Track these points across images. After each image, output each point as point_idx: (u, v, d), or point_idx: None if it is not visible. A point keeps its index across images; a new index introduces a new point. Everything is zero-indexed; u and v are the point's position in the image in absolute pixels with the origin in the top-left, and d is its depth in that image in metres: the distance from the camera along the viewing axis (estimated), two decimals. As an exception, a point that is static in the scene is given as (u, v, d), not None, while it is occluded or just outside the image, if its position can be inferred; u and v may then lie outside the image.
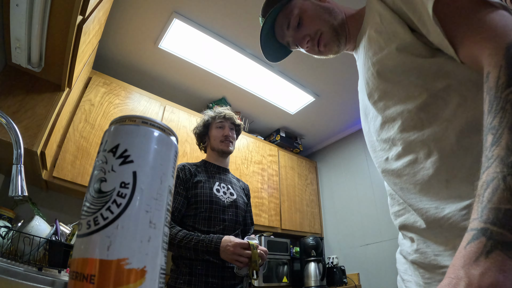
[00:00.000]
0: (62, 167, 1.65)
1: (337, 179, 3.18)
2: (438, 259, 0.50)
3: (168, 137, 0.28)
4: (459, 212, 0.45)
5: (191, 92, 2.61)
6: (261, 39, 0.79)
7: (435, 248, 0.51)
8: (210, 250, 1.05)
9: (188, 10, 1.87)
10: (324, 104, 2.75)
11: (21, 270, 0.90)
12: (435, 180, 0.49)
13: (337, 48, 0.73)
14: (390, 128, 0.58)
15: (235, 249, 1.03)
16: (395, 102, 0.56)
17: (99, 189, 0.24)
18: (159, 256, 0.24)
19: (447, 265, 0.47)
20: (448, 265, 0.43)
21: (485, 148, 0.34)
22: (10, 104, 1.17)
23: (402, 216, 0.59)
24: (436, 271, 0.51)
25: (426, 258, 0.52)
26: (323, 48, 0.73)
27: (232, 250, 1.03)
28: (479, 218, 0.30)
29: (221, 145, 1.34)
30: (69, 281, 0.22)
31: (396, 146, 0.57)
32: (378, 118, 0.61)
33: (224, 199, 1.24)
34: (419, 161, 0.52)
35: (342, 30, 0.71)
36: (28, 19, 0.93)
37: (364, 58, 0.64)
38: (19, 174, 0.68)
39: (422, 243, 0.54)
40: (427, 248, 0.52)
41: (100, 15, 1.36)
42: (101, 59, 2.22)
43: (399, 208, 0.61)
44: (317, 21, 0.71)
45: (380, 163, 0.64)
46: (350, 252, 2.80)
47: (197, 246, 1.06)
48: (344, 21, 0.72)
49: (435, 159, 0.49)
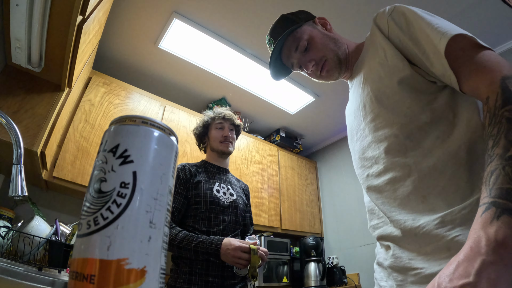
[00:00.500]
0: (62, 167, 1.65)
1: (337, 179, 3.18)
2: (411, 262, 0.58)
3: (168, 137, 0.28)
4: (432, 222, 0.55)
5: (191, 92, 2.61)
6: (271, 59, 0.86)
7: (409, 254, 0.59)
8: (211, 252, 1.05)
9: (188, 10, 1.87)
10: (324, 104, 2.75)
11: (21, 270, 0.90)
12: (413, 196, 0.59)
13: (338, 75, 0.82)
14: (376, 148, 0.67)
15: (235, 252, 1.04)
16: (385, 125, 0.65)
17: (99, 189, 0.24)
18: (159, 256, 0.24)
19: (419, 267, 0.56)
20: (420, 267, 0.55)
21: (487, 150, 0.45)
22: (10, 104, 1.17)
23: (380, 228, 0.68)
24: (408, 273, 0.58)
25: (400, 262, 0.60)
26: (325, 74, 0.81)
27: (232, 254, 1.04)
28: (488, 195, 0.41)
29: (220, 145, 1.34)
30: (69, 281, 0.22)
31: (378, 164, 0.66)
32: (368, 137, 0.70)
33: (224, 199, 1.24)
34: (398, 179, 0.62)
35: (344, 59, 0.80)
36: (28, 19, 0.93)
37: (363, 84, 0.72)
38: (19, 174, 0.68)
39: (398, 249, 0.62)
40: (402, 253, 0.61)
41: (100, 15, 1.36)
42: (101, 59, 2.22)
43: (378, 222, 0.69)
44: (324, 48, 0.79)
45: (363, 180, 0.73)
46: (350, 252, 2.80)
47: (197, 248, 1.06)
48: (347, 52, 0.81)
49: (414, 178, 0.59)
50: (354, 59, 0.80)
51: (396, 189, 0.62)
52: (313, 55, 0.79)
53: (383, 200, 0.65)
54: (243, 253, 1.05)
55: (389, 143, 0.64)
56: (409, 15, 0.62)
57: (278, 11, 1.84)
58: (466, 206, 0.52)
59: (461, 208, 0.53)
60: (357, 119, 0.75)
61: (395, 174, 0.62)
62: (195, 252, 1.06)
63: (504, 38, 2.09)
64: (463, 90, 0.55)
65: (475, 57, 0.53)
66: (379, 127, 0.66)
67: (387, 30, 0.66)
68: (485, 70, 0.51)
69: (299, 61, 0.82)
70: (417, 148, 0.60)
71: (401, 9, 0.64)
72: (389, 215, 0.63)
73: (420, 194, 0.58)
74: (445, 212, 0.54)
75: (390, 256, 0.64)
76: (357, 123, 0.75)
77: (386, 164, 0.64)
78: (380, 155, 0.65)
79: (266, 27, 2.17)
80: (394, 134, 0.63)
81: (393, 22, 0.65)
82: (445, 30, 0.56)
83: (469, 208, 0.52)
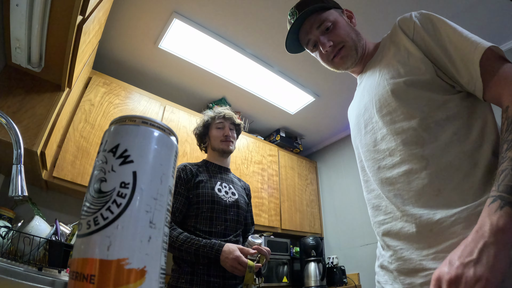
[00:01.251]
0: (62, 167, 1.65)
1: (337, 179, 3.18)
2: (423, 263, 0.58)
3: (168, 137, 0.28)
4: (450, 218, 0.57)
5: (191, 92, 2.61)
6: (290, 29, 0.85)
7: (419, 253, 0.60)
8: (211, 256, 1.06)
9: (188, 10, 1.87)
10: (324, 104, 2.75)
11: (21, 270, 0.90)
12: (428, 188, 0.61)
13: (350, 64, 0.83)
14: (392, 140, 0.68)
15: (233, 262, 1.04)
16: (403, 119, 0.67)
17: (99, 189, 0.24)
18: (159, 256, 0.24)
19: (431, 268, 0.57)
20: (433, 268, 0.56)
21: (501, 152, 0.52)
22: (10, 104, 1.17)
23: (388, 224, 0.68)
24: (419, 274, 0.59)
25: (410, 264, 0.61)
26: (339, 60, 0.82)
27: (230, 264, 1.04)
28: (496, 190, 0.49)
29: (221, 144, 1.34)
30: (69, 281, 0.22)
31: (393, 157, 0.68)
32: (382, 130, 0.71)
33: (225, 198, 1.24)
34: (414, 172, 0.63)
35: (361, 52, 0.82)
36: (28, 19, 0.92)
37: (379, 79, 0.74)
38: (19, 174, 0.68)
39: (406, 251, 0.62)
40: (411, 254, 0.61)
41: (100, 15, 1.36)
42: (101, 59, 2.22)
43: (384, 217, 0.69)
44: (345, 35, 0.80)
45: (373, 172, 0.74)
46: (350, 252, 2.79)
47: (198, 252, 1.06)
48: (364, 47, 0.83)
49: (431, 171, 0.61)
50: (369, 57, 0.83)
51: (411, 181, 0.63)
52: (333, 37, 0.80)
53: (396, 192, 0.66)
54: (240, 265, 1.05)
55: (407, 135, 0.65)
56: (436, 21, 0.67)
57: (278, 11, 1.85)
58: (480, 204, 0.55)
59: (476, 205, 0.55)
60: (368, 112, 0.76)
61: (411, 166, 0.64)
62: (196, 256, 1.07)
63: (504, 38, 2.10)
64: (485, 98, 0.60)
65: (500, 69, 0.58)
66: (397, 120, 0.68)
67: (413, 33, 0.69)
68: (507, 80, 0.57)
69: (317, 38, 0.82)
70: (434, 142, 0.62)
71: (428, 15, 0.69)
72: (403, 208, 0.64)
73: (435, 187, 0.60)
74: (461, 208, 0.56)
75: (396, 260, 0.64)
76: (368, 116, 0.76)
77: (402, 156, 0.65)
78: (397, 147, 0.67)
79: (266, 27, 2.16)
80: (413, 127, 0.65)
81: (420, 26, 0.68)
82: (479, 41, 0.60)
83: (482, 206, 0.54)
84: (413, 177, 0.63)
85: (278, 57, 2.22)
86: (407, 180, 0.64)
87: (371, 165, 0.74)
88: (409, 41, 0.69)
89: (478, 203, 0.55)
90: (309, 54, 0.87)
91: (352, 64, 0.82)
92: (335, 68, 0.85)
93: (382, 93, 0.71)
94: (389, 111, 0.69)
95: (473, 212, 0.55)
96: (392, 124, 0.68)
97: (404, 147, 0.65)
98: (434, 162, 0.61)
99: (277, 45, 2.11)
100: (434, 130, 0.63)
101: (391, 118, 0.69)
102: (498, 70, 0.58)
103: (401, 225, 0.64)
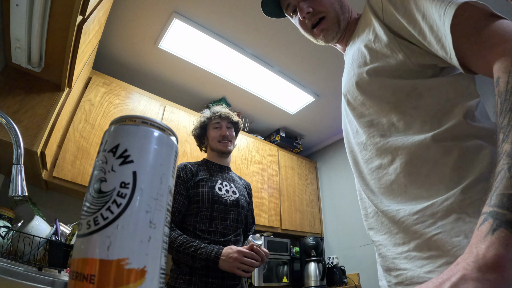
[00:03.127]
0: (62, 167, 1.65)
1: (337, 179, 3.18)
2: (395, 262, 0.54)
3: (168, 137, 0.28)
4: (412, 216, 0.51)
5: (191, 92, 2.61)
6: None
7: (394, 251, 0.55)
8: (210, 259, 1.05)
9: (188, 10, 1.87)
10: (324, 104, 2.75)
11: (21, 270, 0.90)
12: (395, 185, 0.55)
13: (330, 39, 0.75)
14: (363, 134, 0.64)
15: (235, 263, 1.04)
16: (370, 112, 0.62)
17: (99, 189, 0.24)
18: (159, 256, 0.24)
19: (401, 268, 0.52)
20: (402, 268, 0.51)
21: (497, 145, 0.38)
22: (10, 104, 1.17)
23: (369, 220, 0.65)
24: (392, 273, 0.55)
25: (386, 261, 0.57)
26: (319, 32, 0.74)
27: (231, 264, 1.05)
28: (488, 203, 0.35)
29: (219, 145, 1.33)
30: (69, 281, 0.22)
31: (366, 151, 0.63)
32: (355, 122, 0.67)
33: (226, 197, 1.23)
34: (383, 167, 0.58)
35: (343, 26, 0.74)
36: (28, 19, 0.92)
37: (350, 66, 0.68)
38: (19, 174, 0.68)
39: (384, 247, 0.58)
40: (387, 252, 0.57)
41: (100, 15, 1.36)
42: (101, 59, 2.22)
43: (365, 212, 0.67)
44: (328, 5, 0.72)
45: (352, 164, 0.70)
46: (350, 252, 2.79)
47: (195, 254, 1.05)
48: (348, 20, 0.75)
49: (396, 166, 0.55)
50: (350, 32, 0.75)
51: (381, 178, 0.59)
52: (314, 4, 0.72)
53: (370, 188, 0.63)
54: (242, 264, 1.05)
55: (374, 129, 0.61)
56: None
57: (278, 11, 1.85)
58: (450, 197, 0.47)
59: (443, 200, 0.47)
60: (344, 104, 0.72)
61: (380, 161, 0.59)
62: (193, 258, 1.06)
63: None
64: (473, 69, 0.47)
65: (485, 29, 0.44)
66: (365, 114, 0.63)
67: (382, 12, 0.60)
68: (497, 43, 0.42)
69: (297, 4, 0.74)
70: (403, 133, 0.56)
71: None
72: (377, 205, 0.60)
73: (402, 183, 0.54)
74: (426, 204, 0.49)
75: (379, 255, 0.61)
76: (344, 107, 0.73)
77: (372, 151, 0.61)
78: (367, 141, 0.63)
79: (266, 27, 2.15)
80: (379, 120, 0.60)
81: (387, 1, 0.59)
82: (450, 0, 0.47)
83: (453, 199, 0.47)
84: (382, 172, 0.59)
85: (278, 57, 2.22)
86: (377, 176, 0.60)
87: (351, 157, 0.71)
88: (378, 22, 0.60)
89: (445, 197, 0.47)
90: (309, 54, 0.86)
91: (333, 38, 0.75)
92: (314, 39, 0.78)
93: (349, 86, 0.67)
94: (357, 105, 0.65)
95: (438, 208, 0.47)
96: (361, 118, 0.64)
97: (373, 142, 0.61)
98: (401, 156, 0.55)
99: (277, 45, 2.10)
100: (402, 120, 0.56)
101: (360, 111, 0.64)
102: (482, 31, 0.45)
103: (377, 222, 0.60)
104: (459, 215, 0.46)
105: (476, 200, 0.45)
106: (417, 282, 0.49)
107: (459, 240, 0.44)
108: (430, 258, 0.47)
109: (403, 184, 0.54)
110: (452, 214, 0.46)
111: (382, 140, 0.59)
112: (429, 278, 0.46)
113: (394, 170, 0.56)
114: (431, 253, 0.47)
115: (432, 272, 0.47)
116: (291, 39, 2.04)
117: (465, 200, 0.46)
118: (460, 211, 0.46)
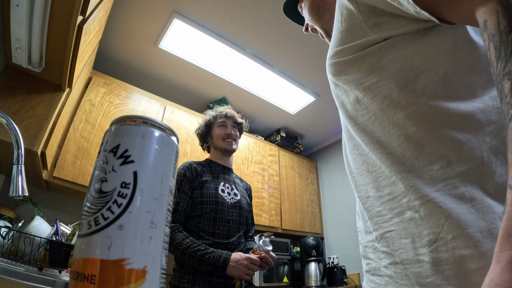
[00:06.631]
0: (63, 167, 1.65)
1: (338, 179, 3.18)
2: (366, 250, 0.52)
3: (169, 137, 0.28)
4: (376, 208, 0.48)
5: (192, 92, 2.61)
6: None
7: (365, 239, 0.53)
8: (217, 264, 1.05)
9: (188, 10, 1.87)
10: (324, 104, 2.75)
11: (21, 270, 0.90)
12: (370, 166, 0.50)
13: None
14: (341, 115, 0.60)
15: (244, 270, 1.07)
16: (341, 93, 0.57)
17: (100, 189, 0.24)
18: (160, 256, 0.24)
19: (369, 258, 0.50)
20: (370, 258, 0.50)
21: (504, 95, 0.31)
22: (11, 104, 1.17)
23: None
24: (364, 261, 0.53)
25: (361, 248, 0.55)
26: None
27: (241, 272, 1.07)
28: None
29: (224, 143, 1.33)
30: (70, 281, 0.22)
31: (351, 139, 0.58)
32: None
33: (228, 199, 1.24)
34: (356, 147, 0.54)
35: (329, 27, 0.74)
36: (29, 19, 0.93)
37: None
38: (19, 174, 0.68)
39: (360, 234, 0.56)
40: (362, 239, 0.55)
41: (101, 15, 1.36)
42: (102, 59, 2.22)
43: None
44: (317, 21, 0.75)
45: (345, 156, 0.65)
46: (350, 252, 2.79)
47: (202, 258, 1.06)
48: None
49: (354, 158, 0.53)
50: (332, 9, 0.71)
51: (356, 159, 0.56)
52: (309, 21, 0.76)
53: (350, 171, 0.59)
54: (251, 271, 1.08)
55: (344, 109, 0.57)
56: None
57: (278, 11, 1.85)
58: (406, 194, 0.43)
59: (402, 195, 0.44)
60: None
61: (353, 143, 0.56)
62: (199, 261, 1.06)
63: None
64: (451, 19, 0.40)
65: None
66: (338, 95, 0.59)
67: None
68: None
69: None
70: (361, 118, 0.52)
71: None
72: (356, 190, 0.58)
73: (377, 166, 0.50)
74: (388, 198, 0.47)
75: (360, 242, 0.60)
76: None
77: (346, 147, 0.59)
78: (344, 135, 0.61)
79: (266, 27, 2.15)
80: (348, 100, 0.55)
81: None
82: None
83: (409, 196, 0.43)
84: (356, 153, 0.56)
85: (279, 57, 2.22)
86: (353, 158, 0.56)
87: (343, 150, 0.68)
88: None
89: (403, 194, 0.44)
90: (309, 54, 0.86)
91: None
92: None
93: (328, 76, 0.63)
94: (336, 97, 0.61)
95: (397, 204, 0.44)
96: (337, 99, 0.60)
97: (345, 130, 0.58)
98: (363, 141, 0.51)
99: (277, 45, 2.10)
100: (364, 98, 0.51)
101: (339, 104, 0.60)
102: None
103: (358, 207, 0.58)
104: (413, 215, 0.43)
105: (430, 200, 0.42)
106: (378, 275, 0.48)
107: (405, 243, 0.43)
108: (385, 253, 0.47)
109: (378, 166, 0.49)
110: (408, 212, 0.43)
111: (350, 120, 0.56)
112: (386, 273, 0.46)
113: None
114: (385, 249, 0.47)
115: (387, 267, 0.46)
116: (291, 39, 2.04)
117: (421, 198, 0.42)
118: (414, 211, 0.43)
